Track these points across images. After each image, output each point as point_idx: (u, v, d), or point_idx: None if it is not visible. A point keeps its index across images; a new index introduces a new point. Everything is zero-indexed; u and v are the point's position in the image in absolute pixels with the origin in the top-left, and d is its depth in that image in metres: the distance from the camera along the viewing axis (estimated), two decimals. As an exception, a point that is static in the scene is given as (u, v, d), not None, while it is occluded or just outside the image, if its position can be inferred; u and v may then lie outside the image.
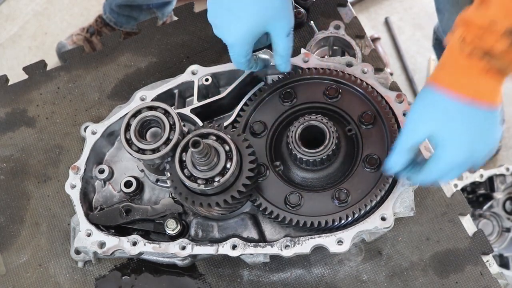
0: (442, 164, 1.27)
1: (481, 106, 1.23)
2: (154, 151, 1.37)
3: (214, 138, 1.36)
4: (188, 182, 1.33)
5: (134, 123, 1.38)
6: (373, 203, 1.42)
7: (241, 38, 1.32)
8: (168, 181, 1.38)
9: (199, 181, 1.32)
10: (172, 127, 1.37)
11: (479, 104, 1.22)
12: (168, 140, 1.36)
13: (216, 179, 1.32)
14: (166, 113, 1.39)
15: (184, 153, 1.35)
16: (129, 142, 1.38)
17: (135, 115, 1.40)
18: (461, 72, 1.22)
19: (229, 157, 1.34)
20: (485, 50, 1.18)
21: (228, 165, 1.33)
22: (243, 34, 1.31)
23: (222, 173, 1.33)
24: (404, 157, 1.31)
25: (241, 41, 1.32)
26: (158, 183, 1.56)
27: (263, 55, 1.51)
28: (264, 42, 1.47)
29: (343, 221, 1.42)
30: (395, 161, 1.32)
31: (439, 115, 1.24)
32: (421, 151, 1.41)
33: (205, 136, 1.36)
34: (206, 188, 1.32)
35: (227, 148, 1.35)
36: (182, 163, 1.34)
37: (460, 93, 1.22)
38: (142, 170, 1.56)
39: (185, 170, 1.34)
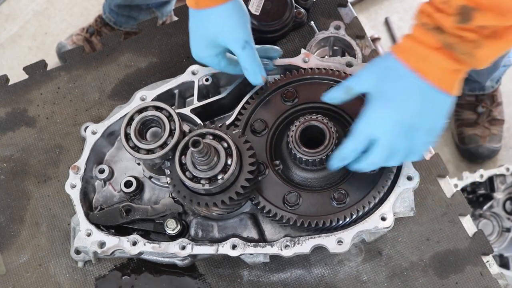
0: (374, 116, 1.32)
1: (425, 80, 1.27)
2: (148, 151, 1.37)
3: (211, 137, 1.36)
4: (191, 184, 1.33)
5: (137, 119, 1.39)
6: (371, 204, 1.42)
7: (201, 54, 1.49)
8: (170, 186, 1.38)
9: (203, 181, 1.32)
10: (171, 132, 1.37)
11: (422, 77, 1.27)
12: (164, 144, 1.36)
13: (219, 176, 1.33)
14: (170, 116, 1.39)
15: (183, 156, 1.35)
16: (127, 137, 1.39)
17: (140, 111, 1.40)
18: (413, 42, 1.28)
19: (228, 154, 1.34)
20: (435, 25, 1.23)
21: (229, 162, 1.33)
22: (201, 51, 1.48)
23: (224, 170, 1.33)
24: (343, 95, 1.38)
25: (201, 56, 1.50)
26: (152, 180, 1.57)
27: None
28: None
29: (340, 222, 1.42)
30: (334, 94, 1.40)
31: (382, 73, 1.31)
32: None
33: (202, 136, 1.36)
34: (211, 187, 1.32)
35: (225, 145, 1.35)
36: (182, 165, 1.34)
37: (406, 61, 1.28)
38: (138, 164, 1.57)
39: (187, 173, 1.34)
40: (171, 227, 1.49)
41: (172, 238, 1.50)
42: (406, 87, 1.29)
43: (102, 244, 1.48)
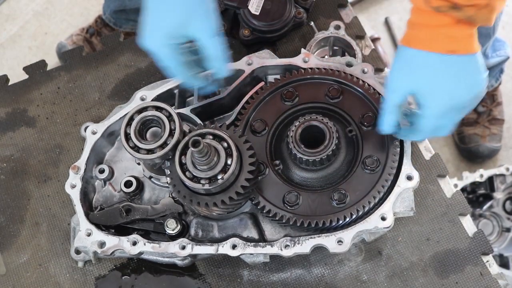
0: (431, 115, 1.32)
1: (457, 55, 1.27)
2: (148, 151, 1.37)
3: (211, 137, 1.36)
4: (191, 184, 1.33)
5: (137, 119, 1.39)
6: (371, 204, 1.42)
7: (158, 42, 1.25)
8: (170, 186, 1.38)
9: (203, 181, 1.32)
10: (171, 132, 1.37)
11: (456, 54, 1.27)
12: (164, 144, 1.36)
13: (219, 176, 1.33)
14: (170, 116, 1.39)
15: (183, 156, 1.35)
16: (127, 137, 1.39)
17: (140, 111, 1.40)
18: (432, 29, 1.26)
19: (228, 154, 1.34)
20: (451, 4, 1.22)
21: (229, 162, 1.33)
22: (160, 38, 1.25)
23: (224, 170, 1.33)
24: (394, 115, 1.37)
25: (158, 45, 1.26)
26: (152, 180, 1.57)
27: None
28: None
29: (340, 222, 1.42)
30: (387, 121, 1.38)
31: (417, 70, 1.30)
32: (409, 104, 1.44)
33: (202, 136, 1.36)
34: (211, 187, 1.32)
35: (225, 145, 1.35)
36: (182, 165, 1.34)
37: (437, 50, 1.27)
38: (138, 164, 1.57)
39: (187, 173, 1.34)
40: (171, 227, 1.49)
41: (172, 238, 1.50)
42: (449, 72, 1.29)
43: (102, 244, 1.48)
